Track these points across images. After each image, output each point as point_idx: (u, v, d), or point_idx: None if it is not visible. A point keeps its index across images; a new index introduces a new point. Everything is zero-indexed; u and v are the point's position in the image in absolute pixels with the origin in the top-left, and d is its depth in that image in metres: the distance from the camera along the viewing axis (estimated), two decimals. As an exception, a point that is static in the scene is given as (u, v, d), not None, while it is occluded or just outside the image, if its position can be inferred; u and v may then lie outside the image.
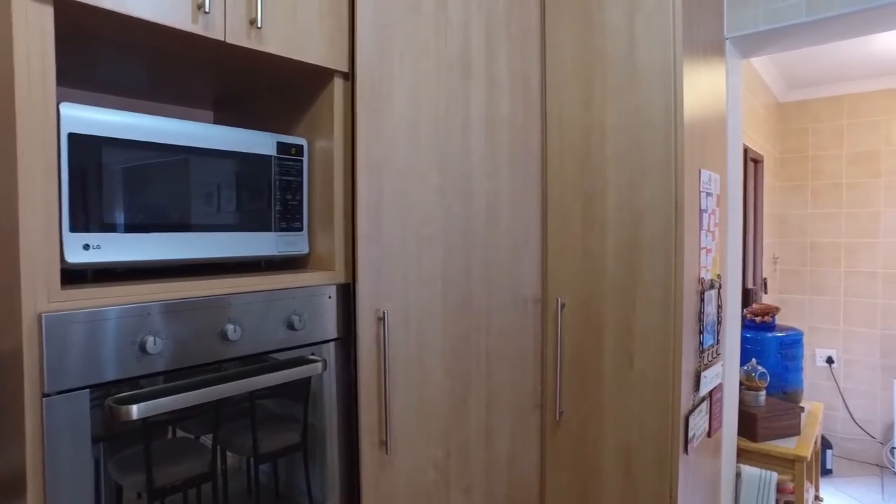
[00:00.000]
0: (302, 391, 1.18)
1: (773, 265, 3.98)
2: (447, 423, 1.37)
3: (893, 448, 3.59)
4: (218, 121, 1.56)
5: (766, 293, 3.66)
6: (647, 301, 1.39)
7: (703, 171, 1.47)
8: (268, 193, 1.18)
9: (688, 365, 1.40)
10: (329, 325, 1.21)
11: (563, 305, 1.51)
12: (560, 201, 1.52)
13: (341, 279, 1.24)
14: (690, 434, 1.39)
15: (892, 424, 3.69)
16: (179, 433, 0.99)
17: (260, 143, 1.16)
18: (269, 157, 1.18)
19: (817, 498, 2.43)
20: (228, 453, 1.06)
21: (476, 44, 1.40)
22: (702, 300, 1.48)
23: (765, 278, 3.65)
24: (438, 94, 1.34)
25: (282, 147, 1.21)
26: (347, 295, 1.24)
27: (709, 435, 1.54)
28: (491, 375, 1.47)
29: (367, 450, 1.22)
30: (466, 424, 1.41)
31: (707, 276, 1.52)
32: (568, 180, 1.50)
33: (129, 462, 0.91)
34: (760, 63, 3.30)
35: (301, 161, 1.24)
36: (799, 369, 2.47)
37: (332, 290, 1.22)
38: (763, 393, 2.10)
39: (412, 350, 1.30)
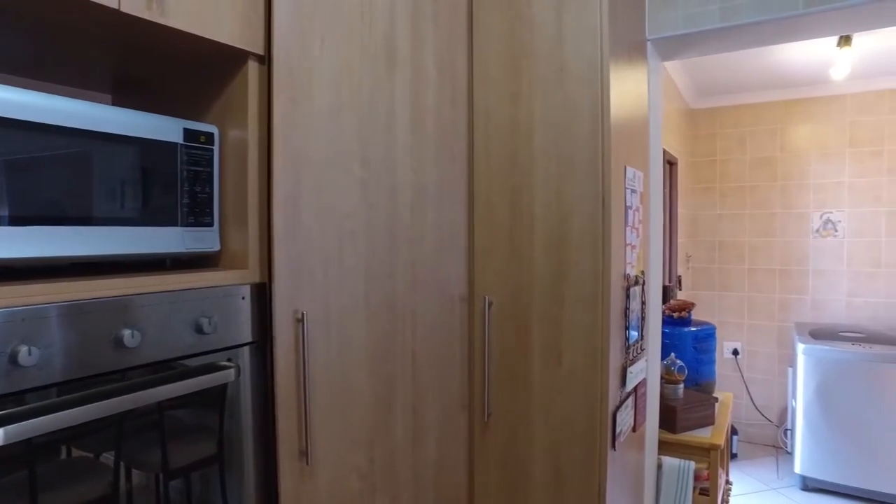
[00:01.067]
0: (217, 399, 1.08)
1: (686, 263, 4.18)
2: (372, 429, 1.31)
3: (787, 429, 3.85)
4: (117, 105, 1.41)
5: (680, 290, 3.84)
6: (575, 297, 1.39)
7: (627, 167, 1.49)
8: (174, 185, 1.06)
9: (615, 361, 1.41)
10: (243, 329, 1.11)
11: (490, 303, 1.48)
12: (487, 196, 1.49)
13: (256, 278, 1.15)
14: (618, 430, 1.40)
15: (786, 408, 3.97)
16: (77, 452, 0.87)
17: (164, 128, 1.04)
18: (175, 144, 1.07)
19: (727, 482, 2.56)
20: (134, 471, 0.94)
21: (402, 31, 1.34)
22: (627, 296, 1.49)
23: (679, 276, 3.83)
24: (362, 82, 1.27)
25: (189, 134, 1.09)
26: (263, 295, 1.14)
27: (634, 430, 1.56)
28: (417, 377, 1.41)
29: (285, 460, 1.13)
30: (392, 430, 1.35)
31: (632, 272, 1.54)
32: (495, 175, 1.48)
33: (9, 492, 0.78)
34: (674, 70, 3.45)
35: (211, 150, 1.13)
36: (712, 362, 2.59)
37: (246, 291, 1.12)
38: (681, 386, 2.17)
39: (334, 353, 1.22)
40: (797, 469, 3.39)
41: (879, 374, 3.17)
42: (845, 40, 2.83)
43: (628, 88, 1.51)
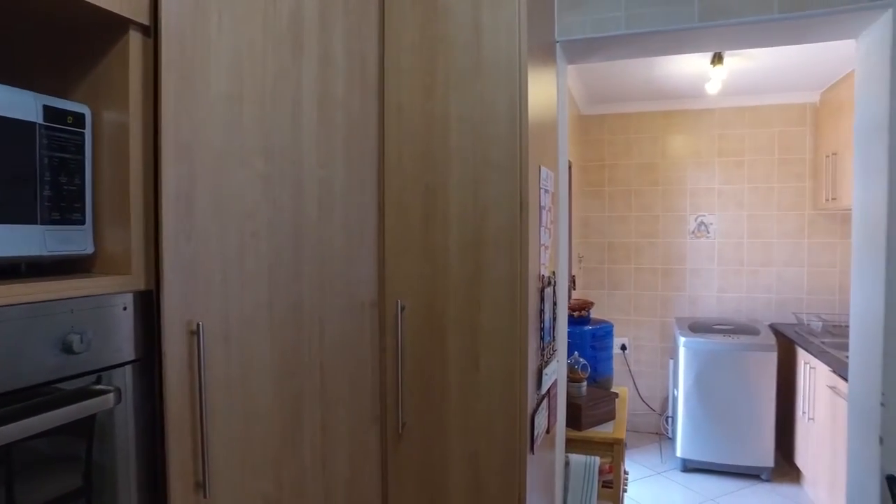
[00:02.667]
0: (85, 427, 0.90)
1: (578, 263, 4.36)
2: (279, 450, 1.18)
3: (668, 417, 4.14)
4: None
5: (574, 289, 3.99)
6: (492, 300, 1.35)
7: (541, 167, 1.47)
8: (31, 174, 0.88)
9: (532, 364, 1.39)
10: (124, 345, 0.95)
11: (403, 308, 1.41)
12: (399, 195, 1.41)
13: (141, 285, 0.98)
14: (535, 433, 1.38)
15: (667, 397, 4.26)
16: None
17: (17, 103, 0.85)
18: (33, 124, 0.88)
19: (625, 472, 2.67)
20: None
21: (309, 14, 1.23)
22: (542, 298, 1.48)
23: (573, 275, 3.98)
24: (266, 67, 1.14)
25: (52, 114, 0.91)
26: (150, 305, 0.99)
27: (547, 431, 1.56)
28: (326, 390, 1.30)
29: (178, 494, 0.98)
30: (301, 450, 1.23)
31: (545, 273, 1.53)
32: (408, 172, 1.40)
33: None
34: (568, 77, 3.57)
35: (82, 134, 0.95)
36: (609, 358, 2.69)
37: (128, 300, 0.96)
38: (585, 384, 2.22)
39: (234, 369, 1.09)
40: (678, 453, 3.64)
41: (744, 360, 3.49)
42: (718, 59, 3.07)
43: (541, 89, 1.50)
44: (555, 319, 1.64)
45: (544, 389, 1.50)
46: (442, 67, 1.36)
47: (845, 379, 2.63)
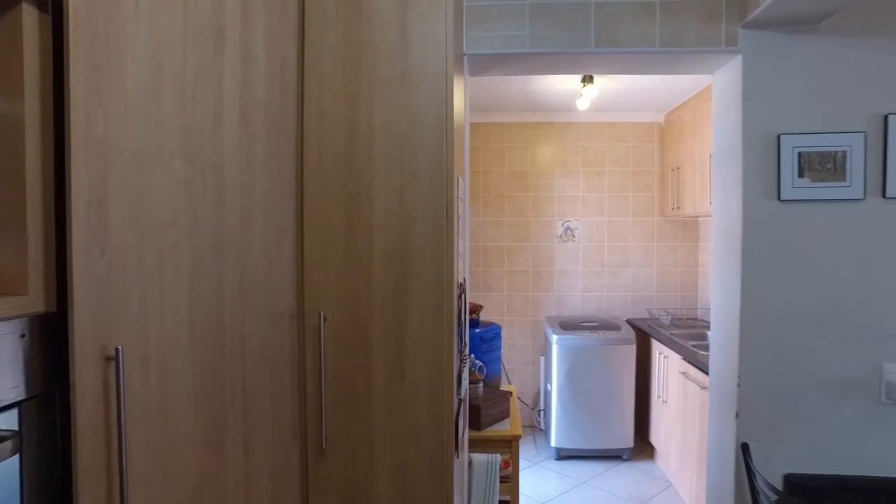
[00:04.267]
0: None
1: (457, 266, 4.48)
2: (200, 480, 1.08)
3: (540, 410, 4.42)
4: None
5: (456, 291, 4.10)
6: (419, 308, 1.35)
7: (458, 177, 1.51)
8: None
9: (455, 369, 1.41)
10: (16, 380, 0.81)
11: (325, 319, 1.36)
12: (320, 203, 1.36)
13: (41, 307, 0.85)
14: (459, 437, 1.41)
15: (539, 392, 4.55)
16: None
17: None
18: None
19: (506, 465, 2.81)
20: None
21: (231, 6, 1.15)
22: (459, 304, 1.52)
23: (455, 278, 4.08)
24: (186, 62, 1.04)
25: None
26: (52, 329, 0.86)
27: (463, 434, 1.60)
28: (249, 410, 1.22)
29: (91, 545, 0.86)
30: (223, 477, 1.14)
31: (461, 279, 1.57)
32: (329, 180, 1.36)
33: None
34: (450, 85, 3.67)
35: (-37, 128, 0.81)
36: (498, 359, 2.81)
37: (23, 326, 0.83)
38: (481, 384, 2.31)
39: (154, 397, 0.98)
40: (552, 443, 3.91)
41: (609, 354, 3.84)
42: (589, 78, 3.35)
43: (459, 98, 1.54)
44: (463, 324, 1.68)
45: (463, 393, 1.54)
46: (366, 74, 1.34)
47: (694, 365, 3.01)
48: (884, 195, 1.76)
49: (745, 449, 1.79)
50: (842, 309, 1.78)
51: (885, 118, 1.76)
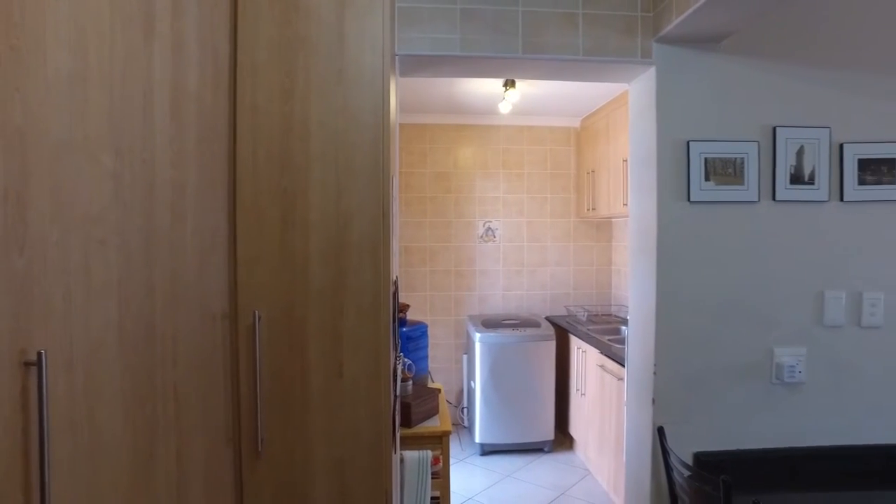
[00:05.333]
0: None
1: (381, 267, 4.46)
2: (131, 490, 1.03)
3: (464, 408, 4.50)
4: None
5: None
6: (356, 306, 1.36)
7: (392, 175, 1.52)
8: None
9: (391, 366, 1.43)
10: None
11: (260, 318, 1.33)
12: (254, 200, 1.33)
13: (-53, 310, 0.78)
14: (396, 433, 1.42)
15: (462, 390, 4.63)
16: None
17: None
18: None
19: (437, 461, 2.85)
20: None
21: (162, -6, 1.10)
22: (394, 301, 1.53)
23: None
24: (114, 46, 0.99)
25: None
26: (-29, 332, 0.79)
27: (396, 431, 1.61)
28: (181, 416, 1.17)
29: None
30: (155, 486, 1.09)
31: (394, 277, 1.59)
32: (263, 177, 1.33)
33: None
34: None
35: None
36: (425, 357, 2.84)
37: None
38: (411, 382, 2.33)
39: (80, 404, 0.92)
40: (477, 439, 3.99)
41: (530, 350, 3.98)
42: (511, 83, 3.46)
43: (393, 99, 1.55)
44: (396, 322, 1.70)
45: (398, 390, 1.55)
46: (302, 70, 1.32)
47: (611, 358, 3.18)
48: (774, 198, 1.96)
49: (660, 432, 1.93)
50: (741, 300, 1.96)
51: (774, 130, 1.97)
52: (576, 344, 3.88)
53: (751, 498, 1.44)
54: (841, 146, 2.00)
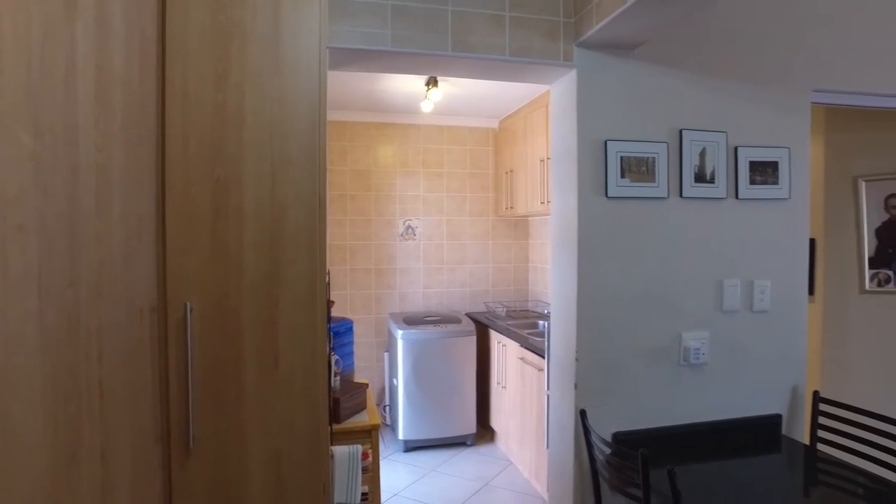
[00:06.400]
0: None
1: (301, 265, 4.36)
2: (51, 493, 0.96)
3: (385, 406, 4.50)
4: None
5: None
6: (292, 297, 1.34)
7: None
8: None
9: (327, 356, 1.42)
10: None
11: (191, 310, 1.28)
12: (184, 188, 1.28)
13: None
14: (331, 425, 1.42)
15: (384, 388, 4.63)
16: None
17: None
18: None
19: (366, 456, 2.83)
20: None
21: (85, -33, 1.04)
22: (328, 292, 1.52)
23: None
24: (31, 20, 0.93)
25: None
26: None
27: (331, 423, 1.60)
28: (106, 414, 1.11)
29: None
30: (77, 487, 1.03)
31: (328, 268, 1.58)
32: (195, 165, 1.29)
33: None
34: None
35: None
36: (351, 353, 2.82)
37: None
38: (338, 378, 2.31)
39: (-4, 399, 0.86)
40: (400, 436, 4.00)
41: (451, 346, 4.05)
42: (433, 82, 3.51)
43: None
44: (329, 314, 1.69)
45: (331, 382, 1.54)
46: (237, 58, 1.29)
47: (530, 350, 3.31)
48: (681, 195, 2.14)
49: (582, 414, 2.04)
50: (653, 289, 2.12)
51: (680, 132, 2.14)
52: (496, 339, 3.99)
53: (663, 470, 1.57)
54: (736, 149, 2.21)
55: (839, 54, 2.32)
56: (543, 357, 3.01)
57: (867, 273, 3.19)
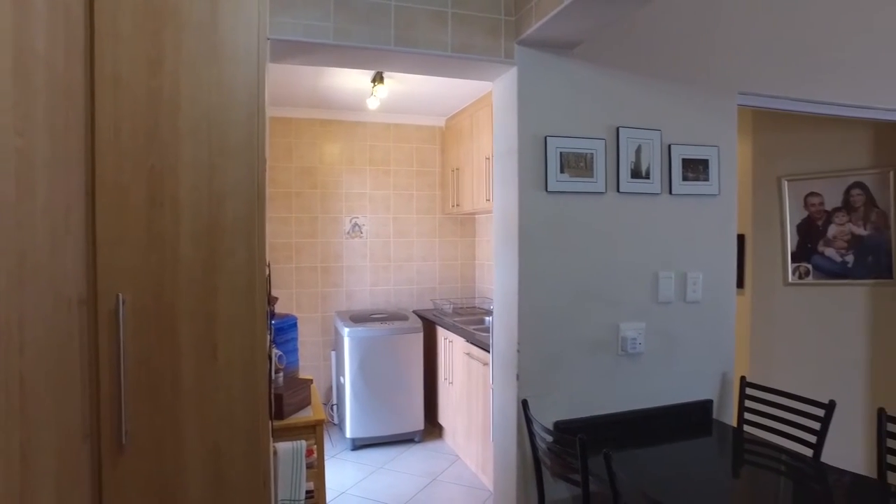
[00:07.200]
0: None
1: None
2: (-30, 492, 0.92)
3: (333, 405, 4.46)
4: None
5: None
6: (230, 288, 1.32)
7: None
8: None
9: (267, 347, 1.41)
10: None
11: (124, 302, 1.25)
12: (116, 176, 1.24)
13: None
14: (270, 419, 1.40)
15: (332, 387, 4.59)
16: None
17: None
18: None
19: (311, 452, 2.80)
20: None
21: (5, -58, 0.99)
22: (269, 284, 1.51)
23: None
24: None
25: None
26: None
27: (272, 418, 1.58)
28: (28, 411, 1.06)
29: None
30: (-2, 487, 0.98)
31: (268, 260, 1.56)
32: (127, 152, 1.25)
33: None
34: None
35: None
36: (295, 350, 2.78)
37: None
38: (282, 374, 2.28)
39: None
40: (348, 434, 3.98)
41: (398, 343, 4.05)
42: (379, 79, 3.51)
43: (266, 80, 1.52)
44: (270, 306, 1.67)
45: (272, 375, 1.53)
46: (172, 43, 1.26)
47: (476, 345, 3.36)
48: (618, 190, 2.23)
49: (524, 404, 2.09)
50: (592, 281, 2.20)
51: (617, 130, 2.23)
52: (443, 335, 4.02)
53: (602, 456, 1.63)
54: (669, 147, 2.32)
55: (762, 60, 2.47)
56: (489, 352, 3.06)
57: (790, 267, 3.40)
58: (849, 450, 3.06)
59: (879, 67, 2.69)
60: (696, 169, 2.37)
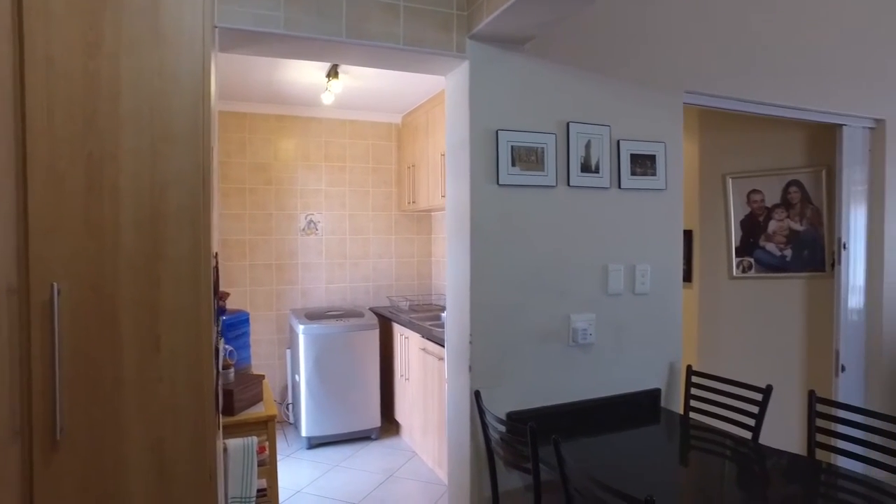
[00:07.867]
0: None
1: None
2: None
3: (288, 404, 4.40)
4: None
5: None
6: (174, 278, 1.29)
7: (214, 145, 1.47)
8: None
9: (213, 338, 1.38)
10: None
11: (59, 292, 1.20)
12: (51, 162, 1.20)
13: None
14: (217, 413, 1.38)
15: (287, 386, 4.52)
16: None
17: None
18: None
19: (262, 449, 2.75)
20: None
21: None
22: (216, 274, 1.48)
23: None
24: None
25: None
26: None
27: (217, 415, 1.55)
28: (-45, 402, 1.01)
29: None
30: (-78, 482, 0.93)
31: (215, 250, 1.53)
32: (63, 138, 1.20)
33: None
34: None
35: None
36: (247, 346, 2.73)
37: None
38: (233, 370, 2.23)
39: None
40: (304, 433, 3.93)
41: (354, 340, 4.03)
42: (334, 73, 3.48)
43: (213, 67, 1.49)
44: (218, 298, 1.64)
45: (220, 367, 1.50)
46: (112, 25, 1.22)
47: (432, 340, 3.37)
48: (569, 184, 2.28)
49: (477, 396, 2.11)
50: (543, 274, 2.24)
51: (567, 125, 2.28)
52: (399, 331, 4.02)
53: (552, 444, 1.66)
54: (618, 142, 2.38)
55: (707, 60, 2.56)
56: (444, 346, 3.07)
57: (734, 261, 3.54)
58: (786, 430, 3.21)
59: (812, 72, 2.83)
60: (644, 164, 2.44)
